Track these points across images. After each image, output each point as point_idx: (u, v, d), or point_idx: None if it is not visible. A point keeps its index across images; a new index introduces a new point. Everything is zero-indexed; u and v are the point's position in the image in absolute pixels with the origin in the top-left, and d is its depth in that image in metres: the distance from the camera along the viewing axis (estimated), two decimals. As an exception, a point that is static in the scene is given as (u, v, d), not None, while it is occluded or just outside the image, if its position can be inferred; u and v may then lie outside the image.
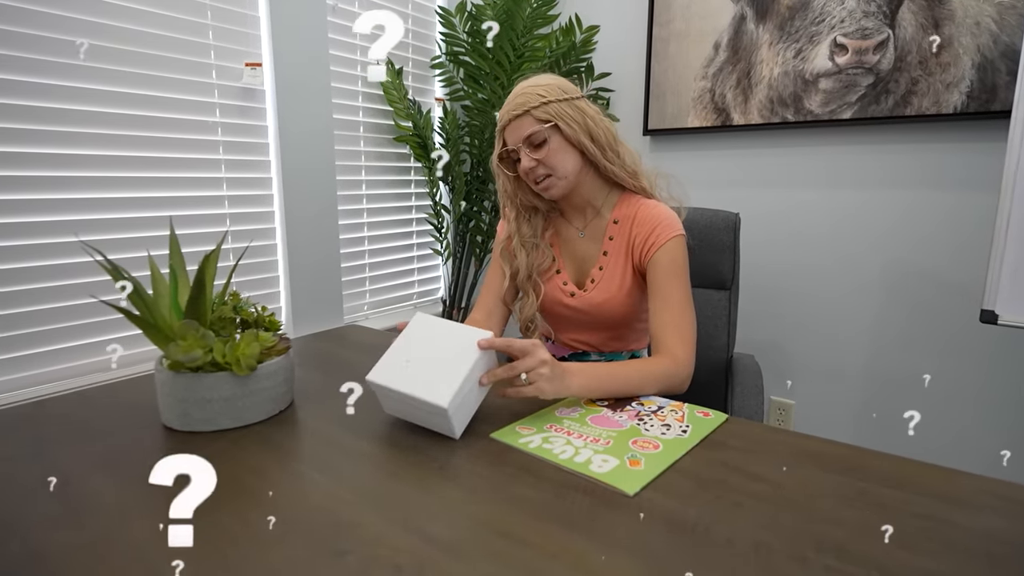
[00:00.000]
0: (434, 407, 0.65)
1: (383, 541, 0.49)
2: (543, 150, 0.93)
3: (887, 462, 0.63)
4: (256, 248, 1.60)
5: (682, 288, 0.93)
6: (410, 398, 0.67)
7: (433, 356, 0.71)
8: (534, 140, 0.93)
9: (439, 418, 0.67)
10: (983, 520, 0.52)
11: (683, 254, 0.95)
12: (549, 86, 0.93)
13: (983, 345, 1.47)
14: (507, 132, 0.95)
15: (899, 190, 1.55)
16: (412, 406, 0.69)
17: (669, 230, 0.94)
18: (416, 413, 0.71)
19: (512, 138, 0.95)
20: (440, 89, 2.14)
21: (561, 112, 0.92)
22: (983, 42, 1.37)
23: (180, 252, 0.76)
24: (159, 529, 0.51)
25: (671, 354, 0.88)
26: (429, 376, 0.68)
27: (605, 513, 0.54)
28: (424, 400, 0.65)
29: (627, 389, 0.82)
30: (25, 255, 1.19)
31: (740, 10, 1.67)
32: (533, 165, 0.93)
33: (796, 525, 0.52)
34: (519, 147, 0.94)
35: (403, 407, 0.72)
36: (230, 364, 0.69)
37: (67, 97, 1.22)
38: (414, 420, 0.72)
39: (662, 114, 1.86)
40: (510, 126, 0.94)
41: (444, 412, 0.65)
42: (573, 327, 1.07)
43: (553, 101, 0.92)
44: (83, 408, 0.79)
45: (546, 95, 0.92)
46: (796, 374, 1.77)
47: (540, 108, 0.91)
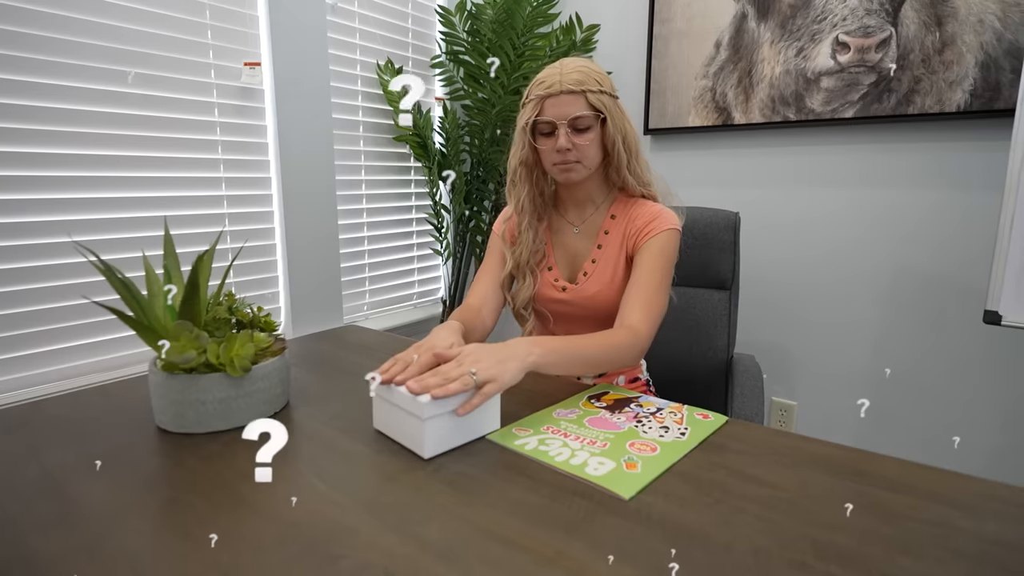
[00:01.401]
0: (415, 411, 0.63)
1: (377, 546, 0.48)
2: (585, 136, 0.91)
3: (890, 465, 0.62)
4: (255, 248, 1.60)
5: (662, 274, 0.93)
6: (398, 395, 0.66)
7: None
8: (580, 124, 0.90)
9: (415, 428, 0.65)
10: (989, 525, 0.51)
11: (673, 247, 0.95)
12: (603, 76, 0.92)
13: (987, 346, 1.45)
14: (551, 103, 0.90)
15: (902, 190, 1.54)
16: (397, 412, 0.67)
17: (665, 223, 0.95)
18: (400, 424, 0.68)
19: (556, 112, 0.90)
20: (440, 88, 2.14)
21: (611, 107, 0.91)
22: (987, 40, 1.35)
23: (175, 252, 0.76)
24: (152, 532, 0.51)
25: (632, 327, 0.87)
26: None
27: (602, 517, 0.53)
28: (405, 406, 0.64)
29: (585, 358, 0.81)
30: (21, 256, 1.18)
31: (741, 8, 1.66)
32: (569, 147, 0.91)
33: (796, 530, 0.51)
34: (561, 123, 0.90)
35: (390, 415, 0.69)
36: (224, 365, 0.68)
37: (66, 97, 1.22)
38: (395, 435, 0.69)
39: (663, 113, 1.85)
40: (559, 99, 0.89)
41: (420, 417, 0.62)
42: (566, 321, 1.06)
43: (607, 93, 0.91)
44: (77, 409, 0.78)
45: (602, 84, 0.90)
46: (797, 375, 1.76)
47: (596, 95, 0.89)
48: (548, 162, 0.95)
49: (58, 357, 1.26)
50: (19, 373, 1.20)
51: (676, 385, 1.24)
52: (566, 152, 0.92)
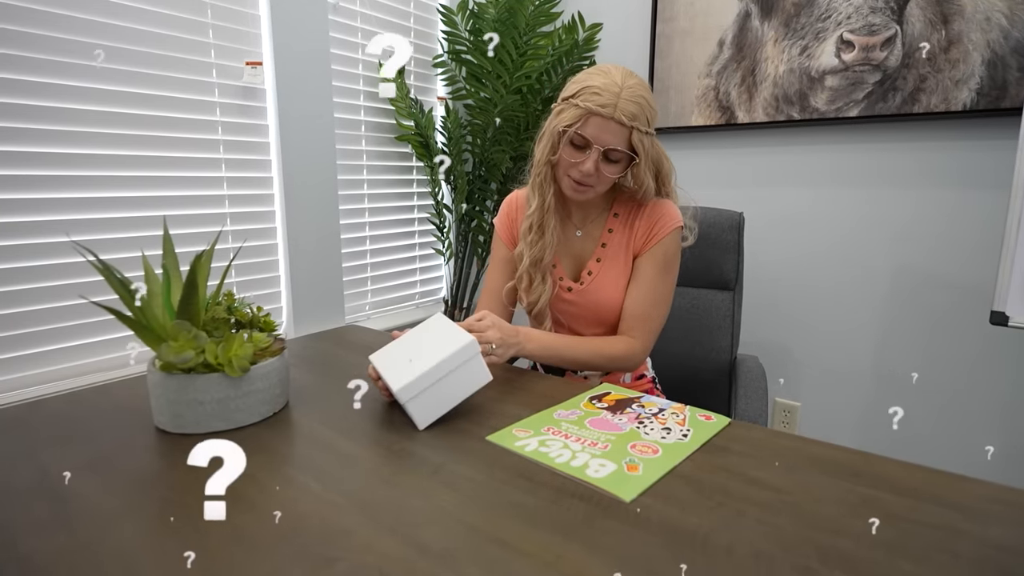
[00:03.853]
0: (396, 393, 0.69)
1: (373, 548, 0.48)
2: (612, 168, 0.91)
3: (895, 468, 0.61)
4: (257, 248, 1.60)
5: (666, 284, 0.98)
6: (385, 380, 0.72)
7: (420, 350, 0.74)
8: (613, 157, 0.89)
9: (403, 404, 0.70)
10: (993, 529, 0.50)
11: (677, 247, 0.98)
12: (654, 112, 0.90)
13: (993, 347, 1.44)
14: (596, 122, 0.86)
15: (907, 189, 1.53)
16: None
17: (670, 222, 0.97)
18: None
19: (597, 134, 0.87)
20: (442, 88, 2.13)
21: (650, 149, 0.90)
22: (993, 38, 1.34)
23: (174, 252, 0.75)
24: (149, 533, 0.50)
25: (630, 341, 0.96)
26: (403, 365, 0.72)
27: (602, 520, 0.52)
28: (390, 386, 0.70)
29: (577, 362, 0.95)
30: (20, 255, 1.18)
31: (745, 7, 1.65)
32: (592, 172, 0.89)
33: (799, 534, 0.50)
34: (597, 149, 0.88)
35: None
36: (222, 365, 0.68)
37: (67, 96, 1.22)
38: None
39: (665, 112, 1.84)
40: (607, 124, 0.86)
41: (401, 398, 0.69)
42: (571, 320, 1.05)
43: (648, 134, 0.89)
44: (75, 409, 0.78)
45: (651, 124, 0.89)
46: (801, 375, 1.75)
47: (641, 135, 0.88)
48: (564, 171, 0.93)
49: (56, 357, 1.25)
50: (17, 373, 1.20)
51: (679, 385, 1.23)
52: (588, 175, 0.90)
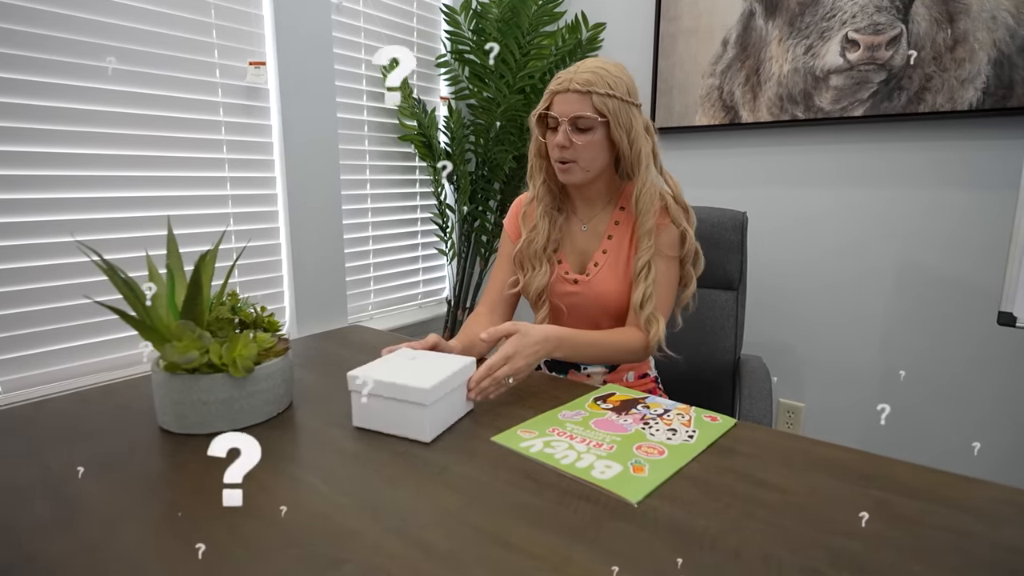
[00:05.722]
0: (416, 392, 0.66)
1: (381, 550, 0.48)
2: (584, 137, 0.93)
3: (902, 469, 0.61)
4: (260, 248, 1.60)
5: (672, 270, 0.99)
6: (393, 386, 0.68)
7: (418, 365, 0.74)
8: (580, 124, 0.92)
9: (415, 412, 0.67)
10: (1004, 531, 0.50)
11: (679, 237, 1.00)
12: (619, 80, 0.92)
13: (1001, 348, 1.43)
14: (559, 99, 0.93)
15: (913, 189, 1.52)
16: (389, 401, 0.69)
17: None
18: (389, 414, 0.69)
19: (561, 108, 0.92)
20: (445, 88, 2.13)
21: (618, 111, 0.91)
22: (999, 37, 1.33)
23: (178, 252, 0.75)
24: (153, 533, 0.50)
25: (645, 332, 0.96)
26: (413, 373, 0.70)
27: (608, 522, 0.52)
28: (406, 386, 0.67)
29: (598, 358, 0.97)
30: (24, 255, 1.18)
31: (749, 6, 1.65)
32: (566, 145, 0.93)
33: (808, 536, 0.50)
34: (563, 120, 0.92)
35: (377, 408, 0.70)
36: (227, 366, 0.68)
37: (70, 96, 1.22)
38: (383, 426, 0.70)
39: (669, 112, 1.84)
40: (565, 96, 0.92)
41: (423, 400, 0.66)
42: (577, 313, 1.05)
43: (617, 98, 0.91)
44: (79, 409, 0.78)
45: (614, 89, 0.91)
46: (806, 376, 1.74)
47: (602, 97, 0.90)
48: (552, 157, 0.98)
49: (61, 357, 1.25)
50: (22, 373, 1.20)
51: (682, 386, 1.22)
52: (563, 149, 0.93)
